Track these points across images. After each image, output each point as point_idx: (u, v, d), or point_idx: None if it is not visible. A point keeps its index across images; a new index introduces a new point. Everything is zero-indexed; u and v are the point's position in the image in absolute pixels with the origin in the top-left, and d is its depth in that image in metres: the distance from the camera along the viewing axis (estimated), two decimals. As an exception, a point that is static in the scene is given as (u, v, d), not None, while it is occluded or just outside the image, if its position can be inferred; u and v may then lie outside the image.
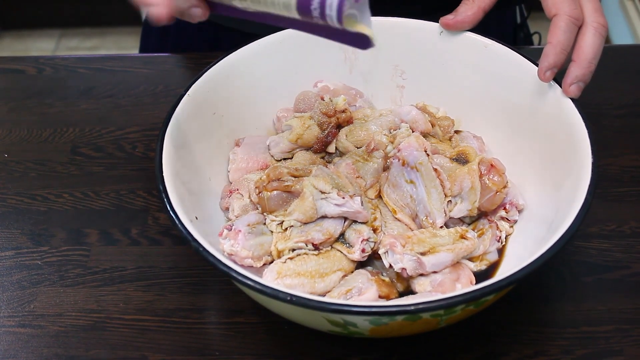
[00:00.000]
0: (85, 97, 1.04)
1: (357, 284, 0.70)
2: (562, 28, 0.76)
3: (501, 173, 0.76)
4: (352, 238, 0.73)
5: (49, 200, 0.89)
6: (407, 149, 0.75)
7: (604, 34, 0.77)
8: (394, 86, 0.91)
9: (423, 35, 0.87)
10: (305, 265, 0.71)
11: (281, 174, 0.74)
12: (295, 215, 0.73)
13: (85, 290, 0.79)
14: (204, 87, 0.80)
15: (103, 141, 0.97)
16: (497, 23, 1.15)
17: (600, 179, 0.70)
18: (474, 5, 0.84)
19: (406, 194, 0.76)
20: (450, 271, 0.71)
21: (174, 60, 1.10)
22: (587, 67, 0.75)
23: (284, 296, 0.60)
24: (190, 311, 0.77)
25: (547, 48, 0.76)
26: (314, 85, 0.89)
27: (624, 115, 0.98)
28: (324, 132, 0.82)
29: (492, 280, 0.62)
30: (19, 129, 0.99)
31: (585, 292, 0.78)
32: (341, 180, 0.75)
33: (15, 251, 0.84)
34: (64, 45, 2.93)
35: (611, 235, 0.83)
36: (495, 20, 1.12)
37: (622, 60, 1.07)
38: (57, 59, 1.11)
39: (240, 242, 0.72)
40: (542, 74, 0.77)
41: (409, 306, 0.60)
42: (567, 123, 0.75)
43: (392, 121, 0.83)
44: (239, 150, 0.83)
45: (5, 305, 0.78)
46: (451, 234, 0.73)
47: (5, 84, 1.07)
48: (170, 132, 0.75)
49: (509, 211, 0.77)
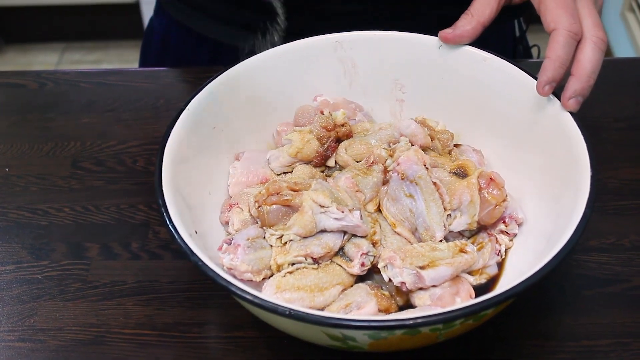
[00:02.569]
0: (86, 112, 1.04)
1: (356, 298, 0.70)
2: (561, 43, 0.76)
3: (500, 187, 0.77)
4: (352, 252, 0.73)
5: (49, 214, 0.89)
6: (406, 163, 0.75)
7: (603, 48, 0.77)
8: (393, 100, 0.91)
9: (422, 49, 0.87)
10: (305, 280, 0.71)
11: (281, 188, 0.74)
12: (294, 229, 0.73)
13: (85, 304, 0.80)
14: (204, 102, 0.81)
15: (104, 155, 0.97)
16: (497, 36, 1.16)
17: (599, 193, 0.71)
18: (472, 20, 0.84)
19: (405, 207, 0.76)
20: (449, 285, 0.71)
21: (175, 74, 1.10)
22: (586, 81, 0.76)
23: (283, 310, 0.61)
24: (190, 325, 0.77)
25: (546, 62, 0.76)
26: (314, 99, 0.89)
27: (624, 128, 0.98)
28: (323, 146, 0.82)
29: (491, 294, 0.62)
30: (20, 143, 0.99)
31: (585, 305, 0.78)
32: (340, 194, 0.75)
33: (15, 265, 0.84)
34: (67, 58, 2.94)
35: (611, 249, 0.83)
36: (495, 33, 1.12)
37: (622, 73, 1.07)
38: (58, 73, 1.11)
39: (239, 256, 0.72)
40: (541, 88, 0.77)
41: (408, 320, 0.60)
42: (566, 136, 0.75)
43: (392, 135, 0.83)
44: (239, 165, 0.83)
45: (6, 319, 0.78)
46: (450, 247, 0.73)
47: (7, 98, 1.08)
48: (170, 146, 0.75)
49: (509, 225, 0.77)
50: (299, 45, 0.88)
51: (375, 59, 0.89)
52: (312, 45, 0.88)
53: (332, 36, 0.88)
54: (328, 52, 0.88)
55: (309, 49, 0.88)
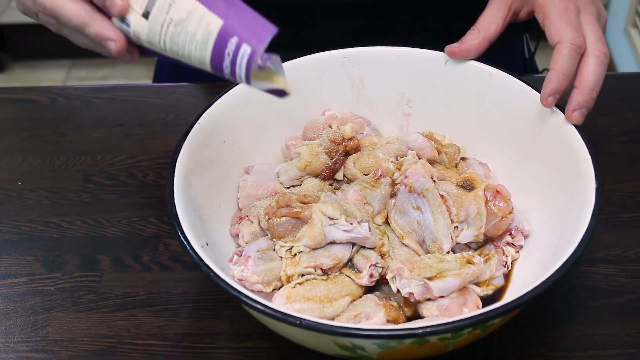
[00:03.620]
0: (97, 126, 1.06)
1: (365, 309, 0.71)
2: (565, 55, 0.77)
3: (507, 199, 0.78)
4: (360, 263, 0.74)
5: (61, 227, 0.91)
6: (413, 176, 0.77)
7: (606, 62, 0.78)
8: (400, 114, 0.92)
9: (429, 64, 0.88)
10: (314, 290, 0.72)
11: (290, 201, 0.76)
12: (304, 241, 0.74)
13: (97, 315, 0.81)
14: (215, 116, 0.82)
15: (115, 169, 0.98)
16: (506, 56, 1.16)
17: (605, 205, 0.71)
18: (479, 35, 0.85)
19: (413, 219, 0.77)
20: (457, 296, 0.72)
21: (184, 89, 1.12)
22: (589, 93, 0.77)
23: (293, 320, 0.62)
24: (200, 336, 0.78)
25: (550, 74, 0.78)
26: (322, 113, 0.90)
27: (627, 141, 0.99)
28: (332, 160, 0.83)
29: (499, 304, 0.62)
30: (33, 157, 1.01)
31: (591, 316, 0.79)
32: (349, 206, 0.76)
33: (28, 277, 0.85)
34: (74, 75, 2.96)
35: (616, 260, 0.84)
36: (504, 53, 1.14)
37: (625, 87, 1.08)
38: (69, 89, 1.13)
39: (250, 267, 0.73)
40: (545, 100, 0.78)
41: (417, 329, 0.61)
42: (571, 149, 0.76)
43: (399, 148, 0.84)
44: (249, 178, 0.84)
45: (19, 330, 0.79)
46: (458, 259, 0.74)
47: (19, 114, 1.09)
48: (182, 159, 0.76)
49: (515, 236, 0.78)
50: (307, 61, 0.89)
51: (383, 74, 0.90)
52: (320, 60, 0.89)
53: (340, 52, 0.89)
54: (336, 67, 0.90)
55: (318, 64, 0.89)
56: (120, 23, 0.67)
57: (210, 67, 0.64)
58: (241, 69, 0.62)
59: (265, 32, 0.61)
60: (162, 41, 0.65)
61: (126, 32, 0.67)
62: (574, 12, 0.81)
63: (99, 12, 0.68)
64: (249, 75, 0.62)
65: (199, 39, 0.63)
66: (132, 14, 0.66)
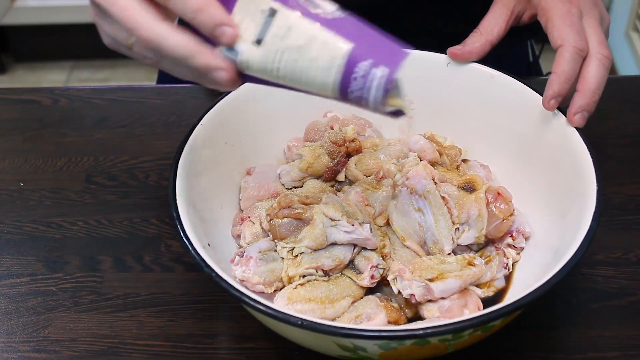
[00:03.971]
0: (99, 127, 1.06)
1: (366, 310, 0.72)
2: (567, 59, 0.78)
3: (508, 201, 0.78)
4: (362, 265, 0.74)
5: (63, 227, 0.91)
6: (415, 178, 0.77)
7: (608, 65, 0.79)
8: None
9: (431, 67, 0.89)
10: (316, 291, 0.72)
11: (292, 202, 0.76)
12: (305, 242, 0.74)
13: (98, 316, 0.81)
14: (217, 117, 0.82)
15: (117, 170, 0.99)
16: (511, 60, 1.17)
17: (605, 207, 0.72)
18: (481, 38, 0.86)
19: (414, 221, 0.77)
20: (458, 297, 0.72)
21: (186, 91, 1.12)
22: (590, 96, 0.77)
23: (295, 320, 0.62)
24: (202, 337, 0.78)
25: (552, 77, 0.78)
26: (324, 115, 0.91)
27: (629, 144, 0.99)
28: (333, 161, 0.84)
29: (499, 306, 0.63)
30: (35, 158, 1.01)
31: (591, 318, 0.79)
32: (351, 208, 0.76)
33: (30, 277, 0.85)
34: (75, 77, 2.96)
35: (617, 263, 0.84)
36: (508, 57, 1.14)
37: (627, 90, 1.09)
38: (71, 90, 1.13)
39: (251, 268, 0.73)
40: (547, 103, 0.78)
41: (418, 330, 0.61)
42: (572, 152, 0.76)
43: (401, 150, 0.84)
44: (250, 179, 0.85)
45: (21, 330, 0.80)
46: (459, 260, 0.74)
47: (22, 115, 1.09)
48: (184, 160, 0.76)
49: (516, 238, 0.78)
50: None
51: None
52: (322, 62, 0.89)
53: (342, 53, 0.89)
54: (338, 69, 0.90)
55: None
56: (228, 52, 0.63)
57: (334, 92, 0.62)
58: (378, 92, 0.60)
59: (399, 54, 0.60)
60: (276, 69, 0.62)
61: (233, 60, 0.63)
62: (576, 15, 0.81)
63: (205, 41, 0.63)
64: (385, 98, 0.61)
65: (322, 65, 0.60)
66: (241, 42, 0.62)
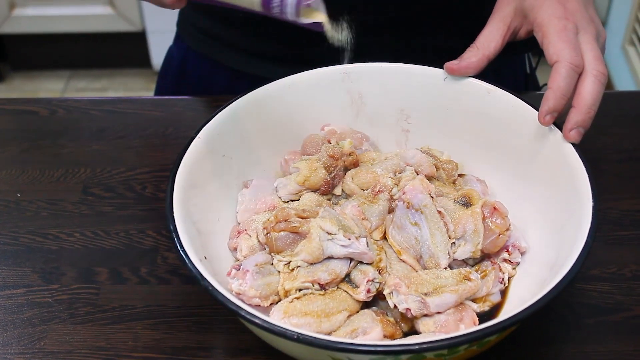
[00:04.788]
0: (96, 138, 1.06)
1: (362, 324, 0.72)
2: (563, 74, 0.78)
3: (504, 216, 0.78)
4: (358, 278, 0.74)
5: (60, 239, 0.91)
6: (411, 192, 0.77)
7: (604, 81, 0.79)
8: (399, 130, 0.93)
9: (428, 81, 0.89)
10: (312, 305, 0.72)
11: (288, 215, 0.76)
12: (302, 255, 0.74)
13: (94, 328, 0.81)
14: (214, 130, 0.83)
15: (114, 182, 0.99)
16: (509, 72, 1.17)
17: (601, 223, 0.72)
18: (478, 52, 0.86)
19: (411, 235, 0.77)
20: (454, 312, 0.73)
21: (184, 103, 1.12)
22: (586, 112, 0.77)
23: (291, 335, 0.62)
24: (197, 349, 0.78)
25: (548, 93, 0.78)
26: (321, 128, 0.91)
27: (624, 160, 0.99)
28: (330, 175, 0.84)
29: (495, 321, 0.63)
30: (32, 168, 1.01)
31: (586, 333, 0.79)
32: (347, 221, 0.76)
33: (26, 289, 0.85)
34: (72, 86, 2.96)
35: (612, 278, 0.84)
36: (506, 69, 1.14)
37: (623, 106, 1.09)
38: (69, 100, 1.13)
39: (248, 281, 0.73)
40: (542, 118, 0.79)
41: (413, 345, 0.61)
42: (569, 167, 0.77)
43: (397, 164, 0.85)
44: (247, 192, 0.85)
45: (16, 342, 0.79)
46: (455, 275, 0.74)
47: (19, 125, 1.09)
48: (181, 173, 0.76)
49: (512, 253, 0.79)
50: (307, 76, 0.90)
51: (382, 90, 0.91)
52: (319, 76, 0.90)
53: (340, 67, 0.90)
54: (335, 82, 0.90)
55: (317, 79, 0.90)
56: None
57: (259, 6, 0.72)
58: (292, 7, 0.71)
59: None
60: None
61: None
62: (572, 31, 0.81)
63: None
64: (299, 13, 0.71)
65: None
66: None
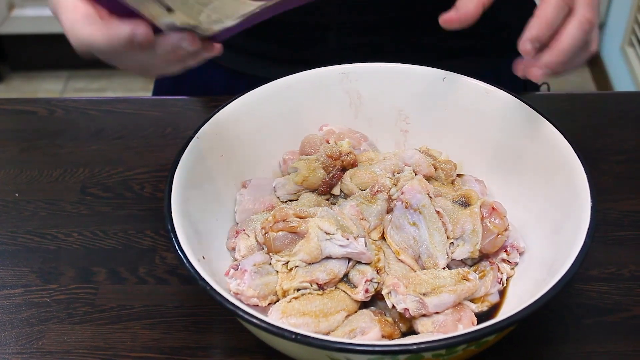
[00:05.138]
0: (95, 139, 1.06)
1: (360, 324, 0.72)
2: (552, 4, 0.74)
3: (502, 216, 0.78)
4: (356, 278, 0.74)
5: (58, 238, 0.91)
6: (410, 192, 0.77)
7: (587, 29, 0.75)
8: (397, 130, 0.93)
9: (427, 81, 0.89)
10: (310, 305, 0.72)
11: (287, 215, 0.76)
12: (300, 255, 0.74)
13: (92, 328, 0.81)
14: (213, 130, 0.83)
15: (112, 182, 0.99)
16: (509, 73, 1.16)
17: (600, 223, 0.72)
18: None
19: (409, 235, 0.77)
20: (452, 312, 0.72)
21: (183, 103, 1.12)
22: (558, 55, 0.74)
23: (289, 335, 0.62)
24: (196, 349, 0.78)
25: (532, 21, 0.74)
26: (320, 128, 0.91)
27: (624, 161, 0.99)
28: (329, 175, 0.84)
29: (493, 321, 0.63)
30: (30, 168, 1.01)
31: (585, 334, 0.79)
32: (346, 221, 0.76)
33: (24, 289, 0.85)
34: (71, 86, 2.96)
35: (611, 278, 0.84)
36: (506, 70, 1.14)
37: (622, 107, 1.09)
38: (68, 100, 1.13)
39: (246, 281, 0.73)
40: (522, 45, 0.74)
41: (411, 345, 0.61)
42: (567, 168, 0.77)
43: (396, 164, 0.85)
44: (246, 192, 0.85)
45: (14, 342, 0.79)
46: (453, 275, 0.74)
47: (17, 125, 1.09)
48: (179, 173, 0.76)
49: (510, 253, 0.78)
50: (305, 76, 0.89)
51: (380, 91, 0.91)
52: (318, 76, 0.90)
53: (339, 67, 0.90)
54: (334, 83, 0.90)
55: (316, 79, 0.90)
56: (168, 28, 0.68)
57: None
58: None
59: None
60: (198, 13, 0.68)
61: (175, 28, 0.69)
62: None
63: None
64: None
65: None
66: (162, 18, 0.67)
